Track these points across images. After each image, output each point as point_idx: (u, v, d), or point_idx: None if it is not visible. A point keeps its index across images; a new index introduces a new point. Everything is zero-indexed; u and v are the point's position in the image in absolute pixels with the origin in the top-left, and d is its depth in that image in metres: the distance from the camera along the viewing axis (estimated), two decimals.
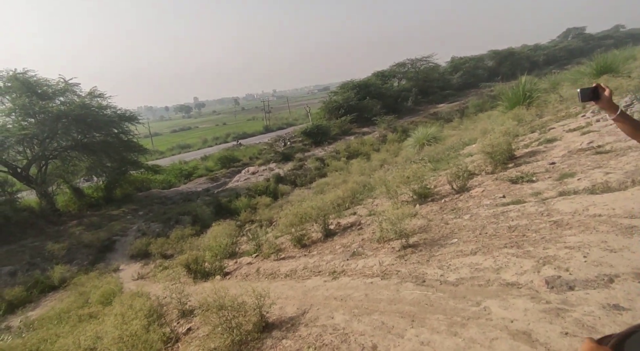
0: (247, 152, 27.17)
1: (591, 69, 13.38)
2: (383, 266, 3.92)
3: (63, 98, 16.95)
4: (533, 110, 10.87)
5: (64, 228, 15.46)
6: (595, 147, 5.13)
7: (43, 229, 15.09)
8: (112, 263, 12.27)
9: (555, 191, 4.14)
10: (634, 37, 66.62)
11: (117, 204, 18.13)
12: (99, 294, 7.81)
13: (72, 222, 16.17)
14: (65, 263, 12.07)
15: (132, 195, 19.61)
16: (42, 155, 16.31)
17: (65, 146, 17.15)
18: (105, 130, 17.66)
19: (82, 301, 8.27)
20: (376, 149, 22.57)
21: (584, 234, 2.89)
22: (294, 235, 6.36)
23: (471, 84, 46.89)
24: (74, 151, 17.46)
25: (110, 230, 14.99)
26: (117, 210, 17.50)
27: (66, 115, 15.82)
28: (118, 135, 18.40)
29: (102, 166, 18.12)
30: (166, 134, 65.76)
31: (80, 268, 11.86)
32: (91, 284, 9.11)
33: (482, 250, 3.34)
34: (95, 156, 17.58)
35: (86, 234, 14.37)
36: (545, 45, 68.63)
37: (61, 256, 12.66)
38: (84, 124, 16.41)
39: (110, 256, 13.25)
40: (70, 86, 17.01)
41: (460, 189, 5.66)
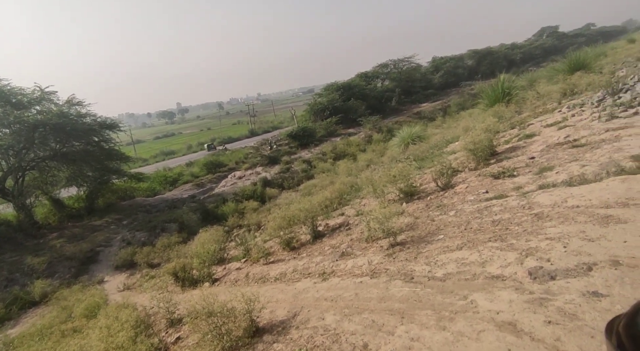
0: (233, 156, 26.90)
1: (565, 66, 13.88)
2: (372, 265, 3.95)
3: (39, 107, 16.39)
4: (512, 107, 11.16)
5: (44, 241, 14.95)
6: (572, 141, 5.30)
7: (22, 243, 14.55)
8: (96, 275, 11.92)
9: (535, 184, 4.26)
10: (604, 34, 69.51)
11: (99, 214, 17.65)
12: (82, 307, 7.58)
13: (53, 234, 15.65)
14: (46, 277, 11.67)
15: (116, 204, 19.13)
16: (19, 166, 15.73)
17: (43, 156, 16.58)
18: (85, 138, 17.15)
19: (65, 316, 8.01)
20: (362, 149, 22.74)
21: (564, 225, 2.98)
22: (282, 238, 6.34)
23: (452, 83, 47.88)
24: (53, 161, 16.89)
25: (93, 241, 14.58)
26: (100, 220, 17.04)
27: (43, 124, 15.30)
28: (99, 143, 17.90)
29: (83, 175, 17.60)
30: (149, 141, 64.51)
31: (63, 282, 11.47)
32: (74, 298, 8.83)
33: (467, 245, 3.40)
34: (75, 165, 17.04)
35: (68, 247, 13.93)
36: (521, 44, 70.77)
37: (42, 270, 12.22)
38: (63, 133, 15.89)
39: (94, 267, 12.88)
40: (47, 94, 16.46)
41: (445, 186, 5.75)
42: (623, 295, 2.04)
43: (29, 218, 15.90)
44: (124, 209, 18.77)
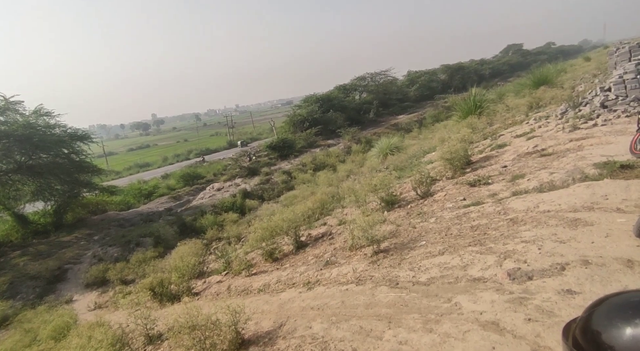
0: (211, 168, 26.44)
1: (530, 81, 14.81)
2: (357, 273, 3.99)
3: (3, 117, 15.53)
4: (484, 119, 11.74)
5: (5, 260, 13.99)
6: (540, 151, 5.65)
7: None
8: (64, 294, 11.25)
9: (509, 191, 4.49)
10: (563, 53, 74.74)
11: (68, 230, 16.74)
12: (50, 329, 7.10)
13: (15, 253, 14.67)
14: (7, 298, 10.87)
15: (86, 219, 18.23)
16: None
17: (5, 169, 15.64)
18: (54, 150, 16.32)
19: (29, 339, 7.48)
20: (342, 160, 22.99)
21: (537, 228, 3.16)
22: (264, 249, 6.28)
23: (427, 96, 49.59)
24: (17, 174, 15.95)
25: (60, 258, 13.78)
26: (68, 236, 16.16)
27: (7, 135, 14.48)
28: (69, 155, 17.09)
29: (51, 189, 16.68)
30: (122, 153, 62.39)
31: (26, 303, 10.73)
32: (40, 319, 8.27)
33: (449, 250, 3.52)
34: (43, 178, 16.14)
35: (32, 265, 13.09)
36: (490, 60, 74.73)
37: (2, 291, 11.39)
38: (29, 145, 15.07)
39: (62, 286, 12.15)
40: (12, 104, 15.64)
41: (424, 195, 5.93)
42: (594, 291, 2.19)
43: None
44: (96, 223, 17.92)
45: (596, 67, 17.76)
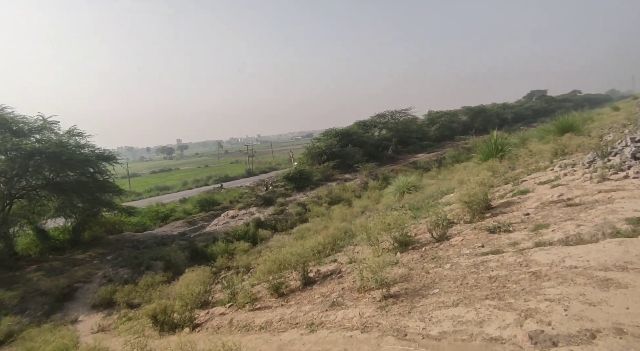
0: (227, 195, 26.76)
1: (555, 127, 14.53)
2: (363, 318, 3.74)
3: (39, 136, 16.51)
4: (505, 163, 11.45)
5: (20, 274, 14.18)
6: (566, 200, 5.36)
7: None
8: (71, 314, 11.16)
9: (531, 241, 4.22)
10: (590, 101, 74.01)
11: (84, 248, 16.98)
12: (49, 350, 6.97)
13: (31, 267, 14.90)
14: (16, 313, 10.86)
15: (102, 238, 18.52)
16: (8, 193, 15.44)
17: (34, 184, 16.36)
18: (80, 169, 17.03)
19: None
20: (358, 195, 22.78)
21: (563, 286, 2.89)
22: (271, 283, 6.07)
23: (447, 137, 49.59)
24: (44, 189, 16.63)
25: (72, 276, 13.85)
26: (83, 254, 16.36)
27: (40, 153, 15.29)
28: (93, 175, 17.75)
29: (73, 206, 17.20)
30: (145, 175, 64.53)
31: (33, 320, 10.66)
32: (42, 339, 8.15)
33: (463, 301, 3.26)
34: (67, 195, 16.74)
35: (44, 281, 13.18)
36: (512, 105, 74.82)
37: (12, 305, 11.42)
38: (58, 163, 15.81)
39: (70, 305, 12.09)
40: (49, 124, 16.68)
41: (440, 238, 5.68)
42: None
43: (9, 248, 15.25)
44: (110, 243, 18.15)
45: (625, 117, 17.33)
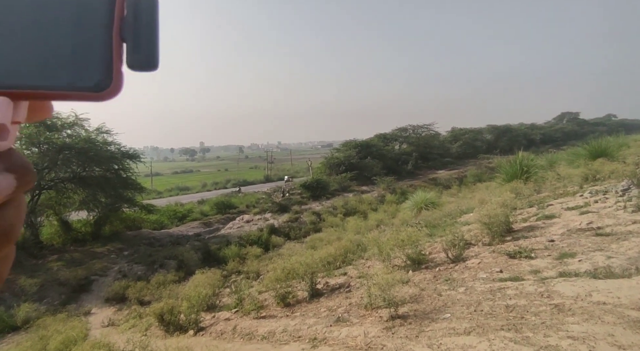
0: (244, 200, 27.03)
1: (587, 151, 13.83)
2: (368, 338, 3.57)
3: (70, 131, 17.34)
4: (531, 185, 10.96)
5: (42, 263, 14.72)
6: (595, 229, 5.01)
7: (20, 262, 14.35)
8: (85, 305, 11.44)
9: (555, 270, 3.93)
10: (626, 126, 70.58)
11: (103, 242, 17.50)
12: (59, 341, 7.11)
13: (53, 256, 15.46)
14: (35, 301, 11.23)
15: (121, 233, 19.03)
16: (38, 184, 16.20)
17: (62, 177, 17.11)
18: (106, 165, 17.74)
19: (40, 348, 7.51)
20: (374, 208, 22.44)
21: (588, 323, 2.64)
22: (278, 292, 5.97)
23: (470, 155, 48.40)
24: (71, 183, 17.36)
25: (89, 269, 14.24)
26: (102, 248, 16.85)
27: (69, 147, 16.05)
28: (117, 171, 18.43)
29: (96, 200, 17.85)
30: (167, 175, 66.41)
31: (49, 308, 10.99)
32: (54, 328, 8.35)
33: (476, 330, 3.04)
34: (91, 189, 17.41)
35: (64, 271, 13.61)
36: (541, 126, 72.37)
37: (32, 292, 11.84)
38: (86, 158, 16.54)
39: (84, 297, 12.40)
40: (80, 120, 17.52)
41: (455, 259, 5.42)
42: None
43: (34, 237, 15.91)
44: (128, 239, 18.61)
45: None
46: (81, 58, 0.28)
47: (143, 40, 0.29)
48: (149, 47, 0.29)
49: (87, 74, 0.28)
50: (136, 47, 0.29)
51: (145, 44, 0.29)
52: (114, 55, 0.28)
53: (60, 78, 0.27)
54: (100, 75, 0.28)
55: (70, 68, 0.27)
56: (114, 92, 0.28)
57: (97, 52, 0.28)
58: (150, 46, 0.29)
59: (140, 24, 0.29)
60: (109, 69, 0.28)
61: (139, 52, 0.29)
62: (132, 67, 0.29)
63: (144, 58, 0.29)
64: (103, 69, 0.28)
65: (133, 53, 0.29)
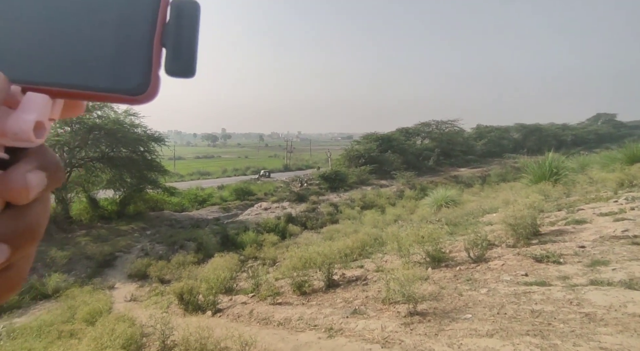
0: (263, 187, 27.35)
1: (623, 155, 13.08)
2: (385, 332, 3.55)
3: (100, 112, 18.00)
4: (560, 187, 10.51)
5: (72, 237, 15.50)
6: (632, 237, 4.75)
7: (52, 234, 15.17)
8: (109, 280, 11.99)
9: (585, 278, 3.77)
10: None
11: (127, 220, 18.22)
12: (85, 311, 7.50)
13: (81, 231, 16.24)
14: (64, 272, 11.89)
15: (144, 214, 19.73)
16: (69, 162, 16.96)
17: (92, 156, 17.84)
18: (132, 147, 18.35)
19: (68, 316, 7.95)
20: (392, 203, 22.22)
21: (623, 335, 2.52)
22: (294, 280, 6.03)
23: (495, 153, 46.93)
24: (100, 162, 18.09)
25: (115, 245, 14.89)
26: (126, 226, 17.54)
27: (99, 128, 16.68)
28: (143, 153, 19.03)
29: (122, 180, 18.56)
30: (189, 159, 67.96)
31: (77, 280, 11.62)
32: (81, 299, 8.82)
33: (499, 333, 2.97)
34: (118, 170, 18.10)
35: (91, 246, 14.29)
36: (574, 126, 69.05)
37: (62, 264, 12.52)
38: (114, 139, 17.17)
39: (109, 272, 13.00)
40: None
41: (477, 259, 5.29)
42: None
43: (65, 212, 16.74)
44: (151, 219, 19.28)
45: None
46: (121, 61, 0.27)
47: (183, 47, 0.29)
48: (188, 54, 0.29)
49: (125, 77, 0.27)
50: (176, 54, 0.28)
51: (185, 51, 0.29)
52: (153, 60, 0.28)
53: (99, 79, 0.27)
54: (139, 79, 0.27)
55: (109, 70, 0.27)
56: (150, 97, 0.28)
57: (138, 56, 0.28)
58: (189, 53, 0.29)
59: (182, 31, 0.29)
60: (147, 73, 0.28)
61: (178, 58, 0.28)
62: (170, 73, 0.28)
63: (182, 65, 0.28)
64: (142, 73, 0.28)
65: (172, 59, 0.28)
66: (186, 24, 0.29)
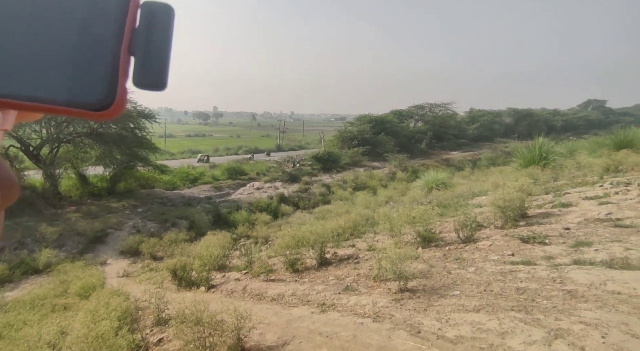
0: (255, 167, 27.22)
1: (611, 141, 13.32)
2: (376, 307, 3.68)
3: None
4: (548, 172, 10.73)
5: (61, 213, 15.35)
6: (614, 220, 4.93)
7: (41, 210, 15.00)
8: (101, 256, 12.00)
9: (569, 258, 3.92)
10: None
11: (118, 198, 18.05)
12: (79, 285, 7.55)
13: (71, 208, 16.08)
14: (55, 247, 11.83)
15: (135, 191, 19.55)
16: (57, 137, 16.54)
17: (80, 132, 17.40)
18: (122, 123, 17.89)
19: (61, 290, 8.00)
20: (384, 185, 22.44)
21: (602, 311, 2.66)
22: (287, 258, 6.14)
23: (486, 137, 47.29)
24: (88, 138, 17.68)
25: (106, 222, 14.81)
26: (117, 203, 17.40)
27: None
28: (133, 130, 18.62)
29: (112, 157, 18.21)
30: (181, 137, 66.83)
31: (68, 256, 11.60)
32: (74, 274, 8.85)
33: (486, 308, 3.10)
34: (107, 146, 17.72)
35: (81, 223, 14.20)
36: (564, 112, 69.67)
37: (52, 240, 12.45)
38: None
39: (101, 248, 13.00)
40: None
41: (466, 239, 5.44)
42: None
43: (54, 188, 16.48)
44: (142, 197, 19.13)
45: None
46: (83, 71, 0.24)
47: (154, 56, 0.26)
48: (160, 64, 0.26)
49: (87, 89, 0.25)
50: (146, 64, 0.26)
51: (155, 61, 0.26)
52: (120, 70, 0.25)
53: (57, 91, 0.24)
54: (103, 92, 0.25)
55: (69, 81, 0.24)
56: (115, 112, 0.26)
57: (102, 66, 0.25)
58: (161, 63, 0.26)
59: (153, 38, 0.26)
60: (112, 85, 0.25)
61: (148, 69, 0.26)
62: (138, 84, 0.26)
63: (152, 76, 0.26)
64: (106, 85, 0.25)
65: (141, 69, 0.26)
66: (158, 30, 0.26)
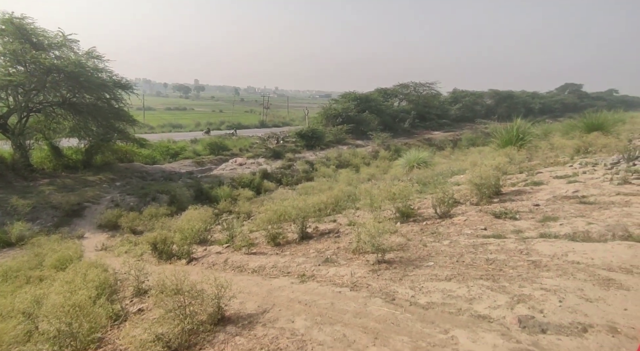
0: (238, 143, 26.77)
1: (583, 124, 13.83)
2: (354, 278, 3.81)
3: (58, 52, 16.19)
4: (523, 152, 11.09)
5: (34, 185, 14.76)
6: (580, 197, 5.20)
7: (11, 182, 14.37)
8: (78, 229, 11.73)
9: (536, 231, 4.14)
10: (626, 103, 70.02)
11: (95, 171, 17.46)
12: (55, 258, 7.42)
13: (44, 180, 15.47)
14: (28, 221, 11.47)
15: (113, 164, 18.94)
16: (25, 106, 15.59)
17: (51, 101, 16.44)
18: (97, 93, 16.96)
19: (36, 263, 7.84)
20: (367, 163, 22.65)
21: (561, 278, 2.86)
22: (269, 232, 6.20)
23: (468, 118, 47.99)
24: (60, 108, 16.75)
25: (82, 195, 14.37)
26: (93, 177, 16.86)
27: (58, 70, 15.13)
28: (109, 101, 17.72)
29: (87, 129, 17.39)
30: (160, 110, 64.41)
31: (43, 229, 11.28)
32: (49, 247, 8.66)
33: (457, 278, 3.27)
34: (82, 117, 16.87)
35: (56, 195, 13.73)
36: (542, 95, 71.18)
37: (24, 213, 12.02)
38: (76, 83, 15.69)
39: (77, 222, 12.68)
40: (69, 41, 16.30)
41: (443, 215, 5.64)
42: None
43: (24, 159, 15.73)
44: (120, 171, 18.59)
45: None
46: None
47: None
48: None
49: None
50: None
51: None
52: None
53: None
54: None
55: None
56: None
57: None
58: None
59: None
60: None
61: None
62: None
63: None
64: None
65: None
66: None
